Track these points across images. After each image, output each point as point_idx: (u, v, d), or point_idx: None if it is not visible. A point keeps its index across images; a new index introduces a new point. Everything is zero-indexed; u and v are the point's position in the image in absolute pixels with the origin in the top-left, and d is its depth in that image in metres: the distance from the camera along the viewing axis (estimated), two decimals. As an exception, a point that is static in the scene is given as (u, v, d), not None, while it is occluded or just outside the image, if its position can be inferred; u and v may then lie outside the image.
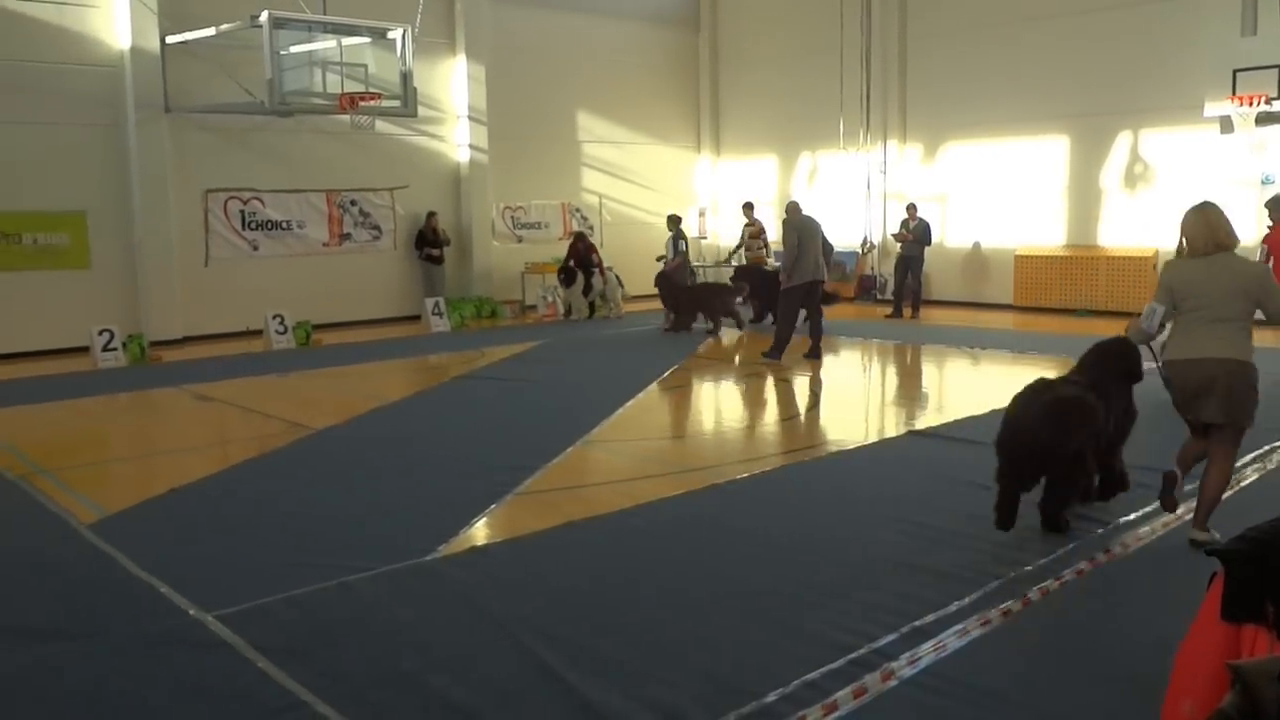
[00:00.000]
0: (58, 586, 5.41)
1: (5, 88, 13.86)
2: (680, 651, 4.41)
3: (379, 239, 17.58)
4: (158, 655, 4.50)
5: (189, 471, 7.76)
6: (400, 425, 9.48)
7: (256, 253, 16.21)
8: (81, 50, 14.49)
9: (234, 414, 10.30)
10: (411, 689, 4.11)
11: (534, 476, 7.36)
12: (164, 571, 5.47)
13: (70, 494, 7.24)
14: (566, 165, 20.19)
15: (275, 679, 4.22)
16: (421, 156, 18.09)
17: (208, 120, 15.51)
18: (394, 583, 5.28)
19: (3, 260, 13.99)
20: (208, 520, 6.55)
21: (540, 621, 4.72)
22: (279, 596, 5.09)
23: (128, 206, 14.95)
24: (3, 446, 8.77)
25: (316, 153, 16.73)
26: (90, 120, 14.62)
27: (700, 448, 8.73)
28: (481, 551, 5.80)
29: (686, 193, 22.24)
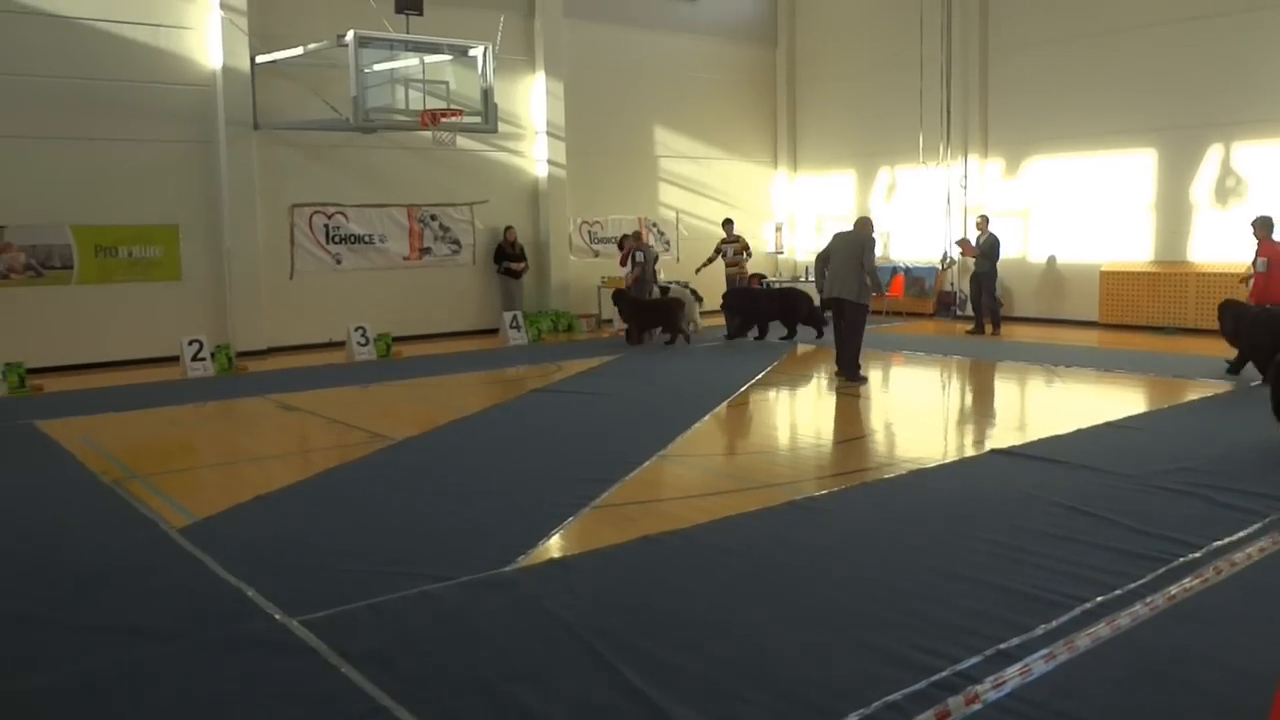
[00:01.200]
0: (149, 588, 5.56)
1: (105, 106, 14.38)
2: (759, 669, 4.38)
3: (458, 253, 17.83)
4: (244, 658, 4.60)
5: (274, 479, 7.94)
6: (479, 437, 9.59)
7: (339, 266, 16.55)
8: (176, 70, 14.98)
9: (317, 423, 10.50)
10: (490, 698, 4.13)
11: (611, 490, 7.38)
12: (250, 576, 5.60)
13: (161, 498, 7.45)
14: (643, 180, 20.29)
15: (357, 684, 4.28)
16: (500, 172, 18.32)
17: (294, 137, 15.90)
18: (474, 592, 5.33)
19: (100, 273, 14.50)
20: (292, 527, 6.68)
21: (618, 635, 4.72)
22: (361, 603, 5.17)
23: (217, 220, 15.39)
24: (98, 452, 9.07)
25: (398, 168, 17.04)
26: (183, 137, 15.09)
27: (777, 463, 8.67)
28: (560, 563, 5.83)
29: (763, 207, 22.19)
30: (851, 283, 11.88)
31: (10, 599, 5.42)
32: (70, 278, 14.30)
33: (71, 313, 14.26)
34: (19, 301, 13.90)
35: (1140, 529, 6.16)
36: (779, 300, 16.78)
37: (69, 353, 14.11)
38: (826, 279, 12.27)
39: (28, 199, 13.90)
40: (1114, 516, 6.41)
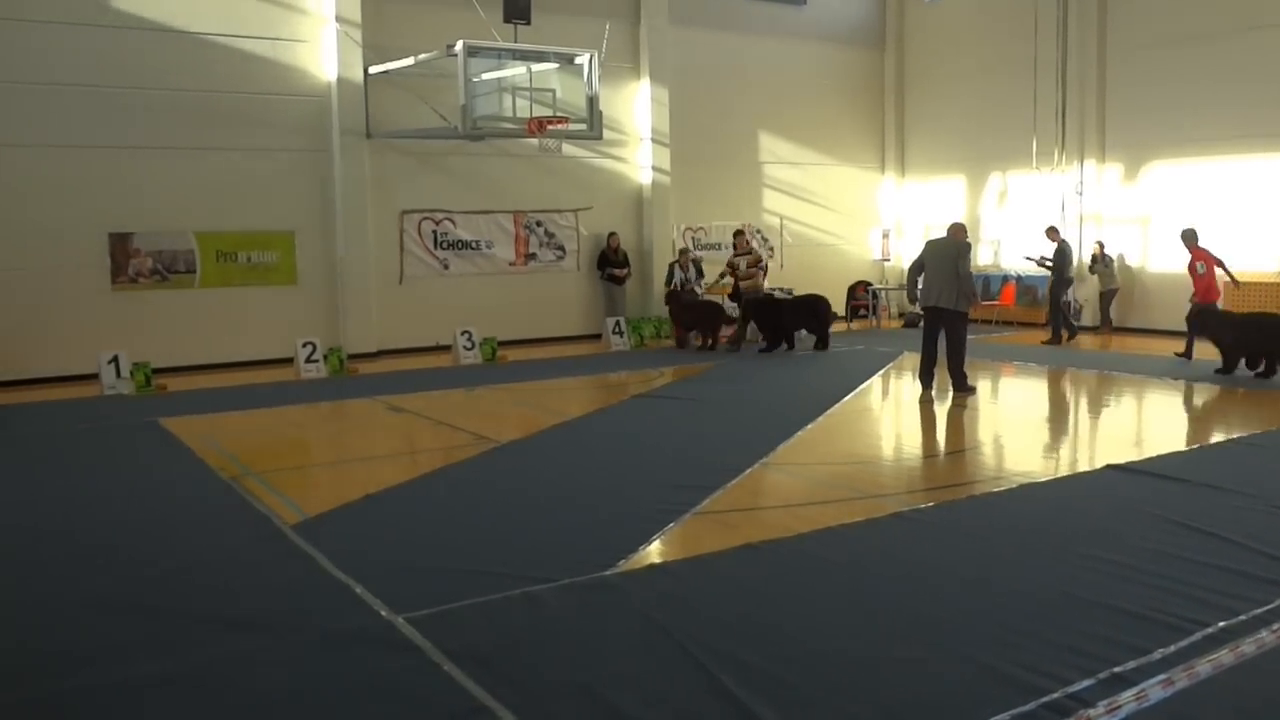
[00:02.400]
0: (262, 582, 5.74)
1: (226, 118, 14.93)
2: (861, 683, 4.30)
3: (563, 259, 18.01)
4: (351, 653, 4.70)
5: (382, 479, 8.12)
6: (581, 441, 9.65)
7: (447, 271, 16.87)
8: (293, 82, 15.48)
9: (424, 425, 10.71)
10: (590, 701, 4.14)
11: (712, 496, 7.35)
12: (359, 573, 5.72)
13: (276, 495, 7.68)
14: (747, 186, 20.20)
15: (460, 683, 4.34)
16: (605, 178, 18.44)
17: (405, 145, 16.27)
18: (575, 596, 5.36)
19: (221, 277, 15.06)
20: (399, 526, 6.82)
21: (717, 643, 4.69)
22: (465, 603, 5.24)
23: (331, 227, 15.84)
24: (217, 449, 9.40)
25: (505, 175, 17.30)
26: (299, 146, 15.58)
27: (882, 474, 8.53)
28: (661, 569, 5.82)
29: (870, 214, 21.88)
30: (949, 291, 11.56)
31: (133, 588, 5.65)
32: (193, 282, 14.88)
33: (194, 315, 14.83)
34: (146, 304, 14.52)
35: (1265, 551, 5.88)
36: (804, 309, 16.31)
37: (191, 353, 14.67)
38: (921, 288, 12.05)
39: (155, 207, 14.51)
40: (1237, 538, 6.12)
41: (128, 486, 8.15)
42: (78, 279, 14.07)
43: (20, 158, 13.65)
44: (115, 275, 14.38)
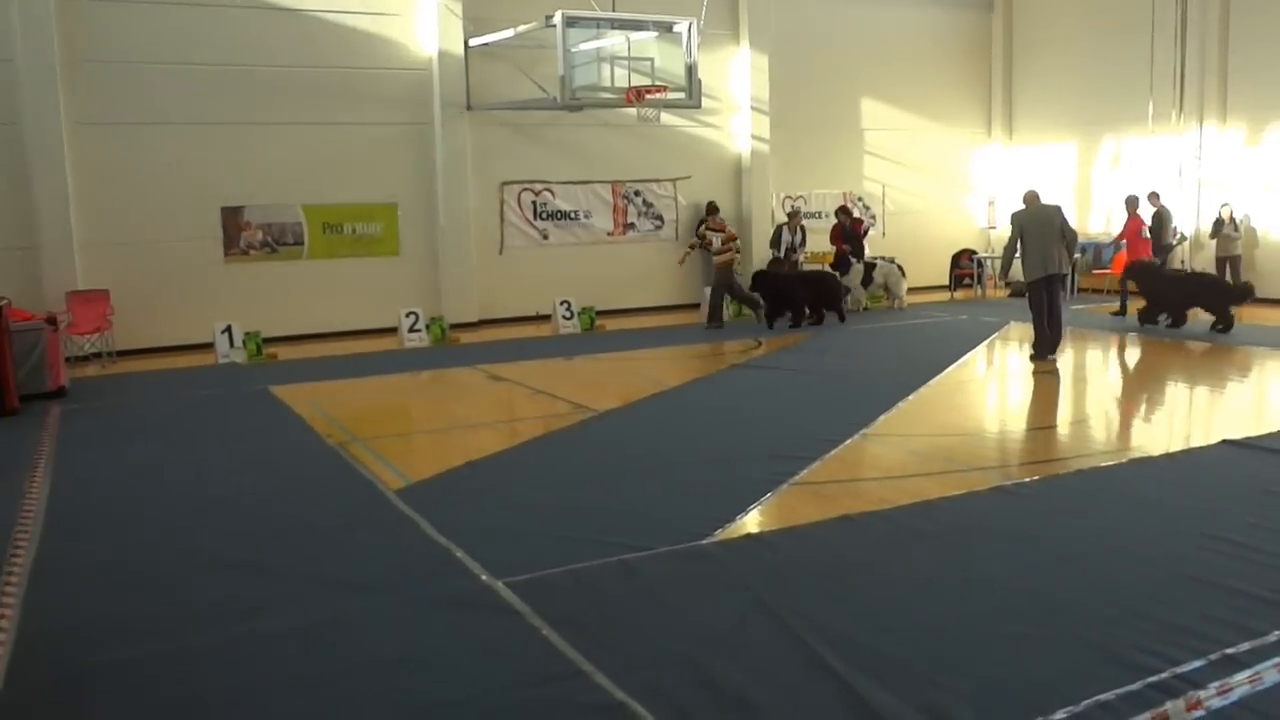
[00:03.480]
0: (368, 545, 5.91)
1: (329, 93, 15.26)
2: (962, 657, 4.24)
3: (661, 228, 18.00)
4: (452, 615, 4.82)
5: (482, 446, 8.27)
6: (678, 410, 9.68)
7: (546, 241, 17.01)
8: (395, 56, 15.72)
9: (523, 394, 10.86)
10: (685, 669, 4.17)
11: (810, 467, 7.30)
12: (460, 538, 5.85)
13: (380, 461, 7.89)
14: (848, 153, 19.85)
15: (557, 647, 4.41)
16: (703, 147, 18.33)
17: (504, 116, 16.41)
18: (671, 564, 5.40)
19: (327, 248, 15.45)
20: (499, 493, 6.94)
21: (815, 614, 4.67)
22: (563, 569, 5.32)
23: (432, 198, 16.09)
24: (324, 416, 9.68)
25: (603, 145, 17.33)
26: (402, 120, 15.83)
27: (984, 447, 8.36)
28: (757, 539, 5.81)
29: (975, 180, 21.33)
30: (1057, 256, 11.60)
31: (247, 549, 5.87)
32: (301, 253, 15.31)
33: (302, 286, 15.25)
34: (257, 275, 14.99)
35: (1396, 530, 5.60)
36: (812, 285, 15.83)
37: (299, 323, 15.11)
38: (1027, 259, 11.73)
39: (264, 181, 14.95)
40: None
41: (243, 452, 8.46)
42: (193, 251, 14.60)
43: (140, 135, 14.17)
44: (228, 248, 14.88)
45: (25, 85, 13.44)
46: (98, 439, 9.11)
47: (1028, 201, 11.97)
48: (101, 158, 13.99)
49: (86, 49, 13.82)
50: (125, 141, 14.10)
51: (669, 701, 3.90)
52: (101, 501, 7.09)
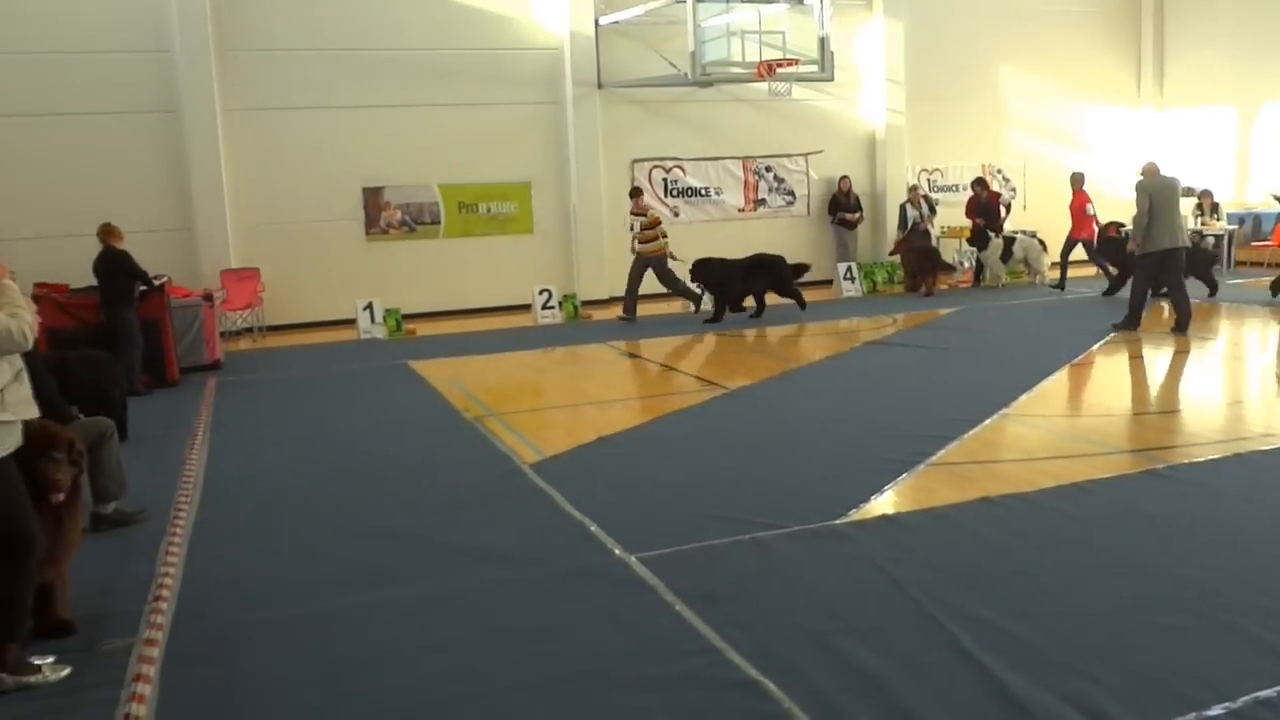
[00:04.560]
0: (503, 517, 6.03)
1: (465, 75, 15.55)
2: (1107, 646, 4.08)
3: (792, 204, 17.80)
4: (586, 588, 4.88)
5: (615, 422, 8.34)
6: (812, 388, 9.57)
7: (677, 219, 16.99)
8: (528, 36, 15.91)
9: (655, 371, 10.91)
10: (819, 649, 4.13)
11: (948, 447, 7.11)
12: (593, 512, 5.92)
13: (515, 435, 8.04)
14: (987, 125, 19.19)
15: (690, 623, 4.42)
16: (836, 121, 18.00)
17: (635, 94, 16.44)
18: (805, 543, 5.34)
19: (463, 227, 15.80)
20: (632, 468, 6.99)
21: (953, 597, 4.56)
22: (695, 545, 5.33)
23: (565, 177, 16.27)
24: (461, 391, 9.92)
25: (734, 121, 17.20)
26: (534, 99, 16.04)
27: (1133, 428, 8.01)
28: (893, 520, 5.70)
29: (1123, 150, 20.37)
30: (1181, 228, 11.71)
31: (388, 518, 6.07)
32: (438, 232, 15.70)
33: (438, 264, 15.64)
34: (396, 254, 15.44)
35: None
36: (764, 271, 14.33)
37: (436, 300, 15.50)
38: (1154, 230, 11.47)
39: (403, 162, 15.36)
40: None
41: (384, 425, 8.75)
42: (336, 231, 15.13)
43: (287, 120, 14.74)
44: (368, 227, 15.36)
45: (183, 75, 14.12)
46: (250, 410, 9.54)
47: (1148, 173, 11.75)
48: (252, 143, 14.61)
49: (237, 39, 14.42)
50: (273, 126, 14.68)
51: (802, 681, 3.87)
52: (253, 469, 7.44)
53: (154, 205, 14.16)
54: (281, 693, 4.03)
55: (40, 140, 13.72)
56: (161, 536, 5.84)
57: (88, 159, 13.88)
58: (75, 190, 13.65)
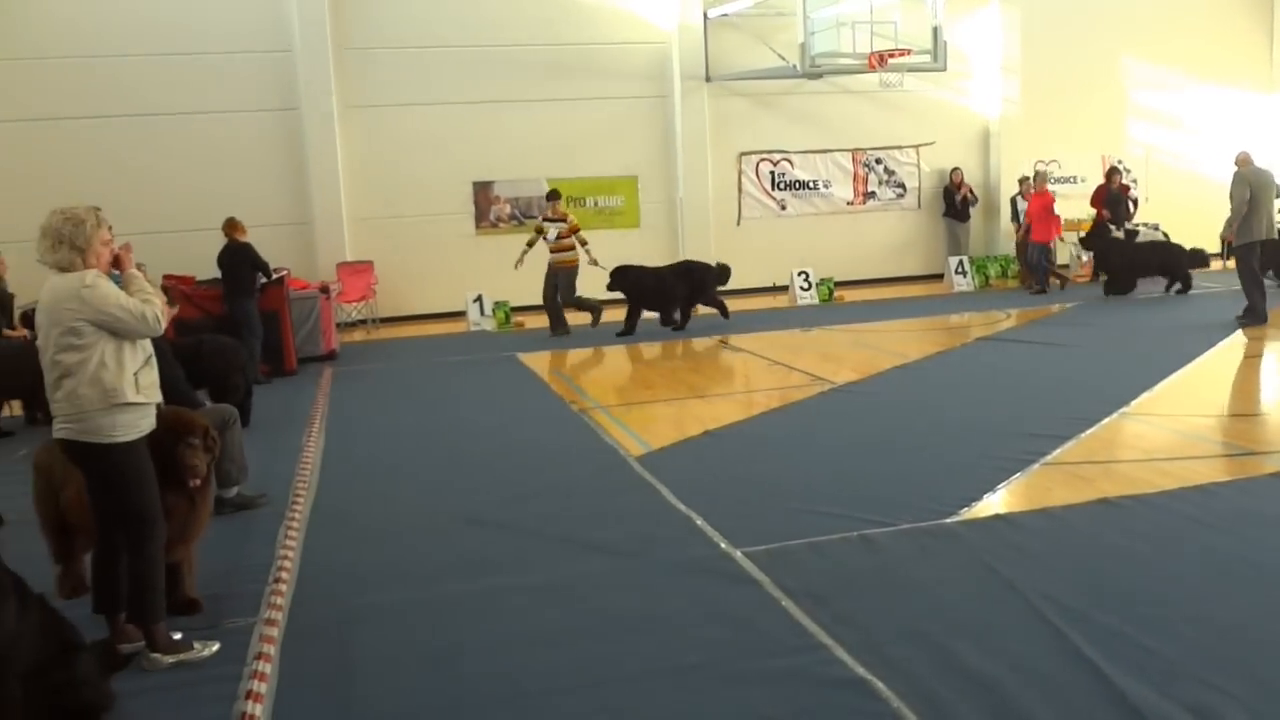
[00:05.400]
0: (610, 509, 6.07)
1: (572, 69, 15.68)
2: (1237, 656, 3.91)
3: (903, 197, 17.48)
4: (692, 581, 4.89)
5: (721, 416, 8.33)
6: (921, 385, 9.40)
7: (784, 212, 16.88)
8: (635, 30, 15.96)
9: (760, 365, 10.84)
10: (929, 649, 4.06)
11: (1064, 446, 6.90)
12: (699, 506, 5.92)
13: (621, 428, 8.10)
14: (1107, 115, 18.50)
15: (796, 619, 4.40)
16: (948, 112, 17.60)
17: (742, 86, 16.35)
18: (914, 541, 5.26)
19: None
20: (738, 463, 6.97)
21: (1069, 600, 4.43)
22: (802, 541, 5.29)
23: (671, 171, 16.28)
24: (568, 383, 10.02)
25: (843, 112, 16.96)
26: (641, 93, 16.09)
27: (1260, 428, 7.66)
28: (1006, 520, 5.56)
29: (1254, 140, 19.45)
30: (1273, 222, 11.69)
31: (497, 507, 6.17)
32: (546, 226, 15.86)
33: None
34: (506, 247, 15.56)
35: None
36: (682, 279, 13.20)
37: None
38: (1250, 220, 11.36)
39: (512, 156, 15.58)
40: None
41: (493, 415, 8.90)
42: (447, 225, 15.43)
43: (400, 116, 15.08)
44: (478, 221, 15.65)
45: (302, 73, 14.57)
46: (364, 399, 9.80)
47: (1241, 163, 11.52)
48: (367, 139, 14.99)
49: (354, 38, 14.82)
50: (388, 123, 15.04)
51: (911, 681, 3.81)
52: (367, 457, 7.64)
53: (274, 200, 14.64)
54: (395, 675, 4.14)
55: (168, 138, 14.31)
56: (280, 521, 6.06)
57: (213, 156, 14.43)
58: (201, 186, 14.20)
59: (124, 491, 4.23)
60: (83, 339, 4.06)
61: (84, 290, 4.04)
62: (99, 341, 4.08)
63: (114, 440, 4.14)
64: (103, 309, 4.05)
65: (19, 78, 13.79)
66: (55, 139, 13.91)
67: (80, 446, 4.19)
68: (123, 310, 4.08)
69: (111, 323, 4.07)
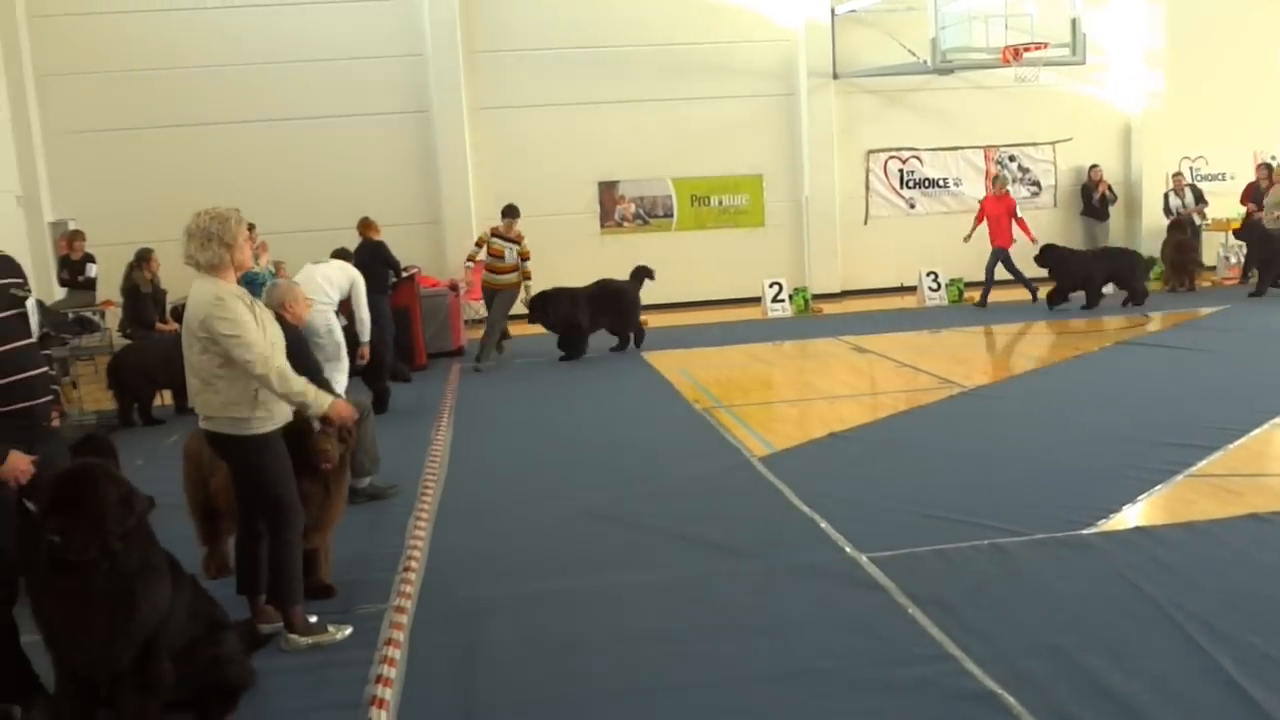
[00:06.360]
0: (733, 510, 6.05)
1: (697, 68, 15.66)
2: (1402, 684, 3.67)
3: (1037, 195, 16.93)
4: (815, 585, 4.83)
5: (845, 418, 8.21)
6: (1056, 390, 9.09)
7: (913, 211, 16.55)
8: (761, 28, 15.86)
9: (887, 367, 10.65)
10: (1063, 665, 3.92)
11: (1210, 458, 6.57)
12: (823, 508, 5.84)
13: (745, 428, 8.06)
14: (1261, 109, 17.53)
15: (924, 628, 4.30)
16: (1086, 106, 16.96)
17: (870, 83, 16.08)
18: (1048, 552, 5.08)
19: (695, 220, 15.98)
20: (863, 466, 6.86)
21: (1214, 619, 4.22)
22: (929, 548, 5.17)
23: (797, 169, 16.14)
24: (691, 382, 10.02)
25: (975, 109, 16.52)
26: (767, 91, 15.99)
27: None
28: (1147, 533, 5.32)
29: None
30: None
31: (621, 504, 6.21)
32: (670, 225, 15.95)
33: (671, 256, 15.77)
34: (629, 246, 15.73)
35: None
36: (604, 303, 12.11)
37: (668, 292, 15.65)
38: None
39: (636, 156, 15.68)
40: None
41: (617, 413, 8.98)
42: (572, 224, 15.61)
43: (527, 117, 15.33)
44: (603, 220, 15.79)
45: (434, 77, 14.96)
46: (490, 395, 9.99)
47: None
48: (495, 140, 15.28)
49: (483, 40, 15.15)
50: (515, 124, 15.30)
51: (1045, 697, 3.69)
52: (494, 451, 7.80)
53: (405, 200, 15.04)
54: (520, 664, 4.20)
55: (305, 141, 14.86)
56: (410, 511, 6.22)
57: (347, 158, 14.91)
58: (336, 187, 14.68)
59: (262, 481, 4.41)
60: (214, 348, 4.23)
61: (213, 307, 4.17)
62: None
63: (251, 434, 4.32)
64: (218, 336, 4.16)
65: (168, 87, 14.51)
66: (202, 144, 14.58)
67: (221, 439, 4.39)
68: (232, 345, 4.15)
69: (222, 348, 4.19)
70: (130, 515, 3.51)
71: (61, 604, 3.46)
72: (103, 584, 3.44)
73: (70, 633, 3.49)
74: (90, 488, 3.46)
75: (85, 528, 3.40)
